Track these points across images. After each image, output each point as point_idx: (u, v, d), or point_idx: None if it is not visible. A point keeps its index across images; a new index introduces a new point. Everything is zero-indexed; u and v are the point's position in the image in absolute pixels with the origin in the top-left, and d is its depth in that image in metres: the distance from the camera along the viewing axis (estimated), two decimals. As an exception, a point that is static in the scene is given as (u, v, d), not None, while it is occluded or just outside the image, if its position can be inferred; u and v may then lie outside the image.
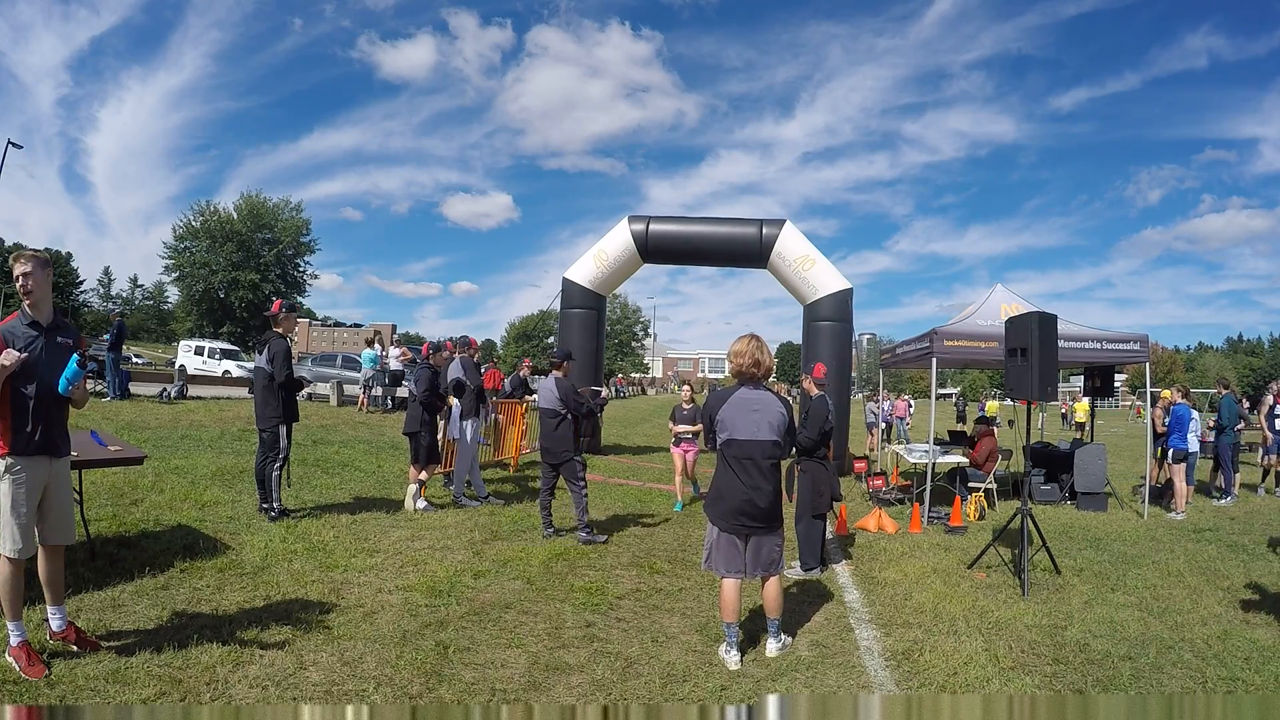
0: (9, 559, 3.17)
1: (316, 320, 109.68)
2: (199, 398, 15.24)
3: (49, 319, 3.37)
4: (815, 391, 6.37)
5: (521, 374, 12.40)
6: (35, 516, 3.27)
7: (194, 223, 47.70)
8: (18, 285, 3.29)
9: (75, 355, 3.30)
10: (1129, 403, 56.24)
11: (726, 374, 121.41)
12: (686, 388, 9.41)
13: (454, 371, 8.08)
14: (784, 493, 4.40)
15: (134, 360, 41.21)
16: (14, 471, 3.18)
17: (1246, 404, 16.67)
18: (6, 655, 3.19)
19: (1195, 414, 10.00)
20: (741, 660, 3.86)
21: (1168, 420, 9.98)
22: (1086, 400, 19.49)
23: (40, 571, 3.39)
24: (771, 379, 4.01)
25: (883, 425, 17.17)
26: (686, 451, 8.88)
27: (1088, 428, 18.33)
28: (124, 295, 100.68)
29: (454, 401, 7.82)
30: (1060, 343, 6.31)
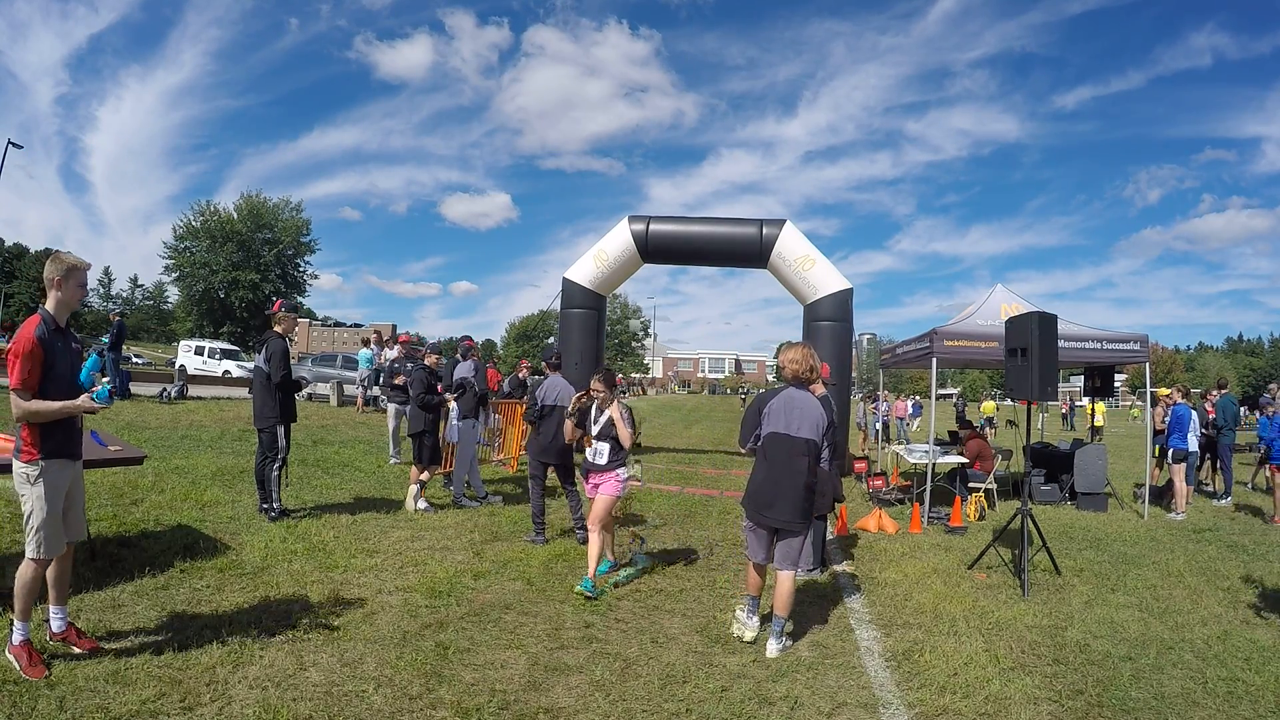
0: (37, 561, 3.21)
1: (316, 320, 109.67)
2: (199, 398, 15.24)
3: (63, 323, 3.45)
4: (820, 390, 6.39)
5: (520, 375, 12.39)
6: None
7: (194, 223, 47.63)
8: (78, 295, 3.36)
9: (94, 355, 3.40)
10: (1129, 403, 56.29)
11: (730, 374, 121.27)
12: (597, 388, 5.27)
13: (462, 371, 8.05)
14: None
15: (134, 360, 41.24)
16: (48, 475, 3.23)
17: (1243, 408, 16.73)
18: (7, 653, 3.19)
19: (1194, 414, 10.00)
20: (758, 632, 4.16)
21: (1167, 420, 9.98)
22: (1099, 401, 19.49)
23: (49, 570, 3.38)
24: (809, 376, 4.36)
25: (879, 426, 17.17)
26: (599, 486, 5.26)
27: (1092, 428, 18.38)
28: (124, 295, 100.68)
29: (452, 404, 7.81)
30: (1060, 343, 6.32)
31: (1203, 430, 10.44)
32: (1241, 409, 13.43)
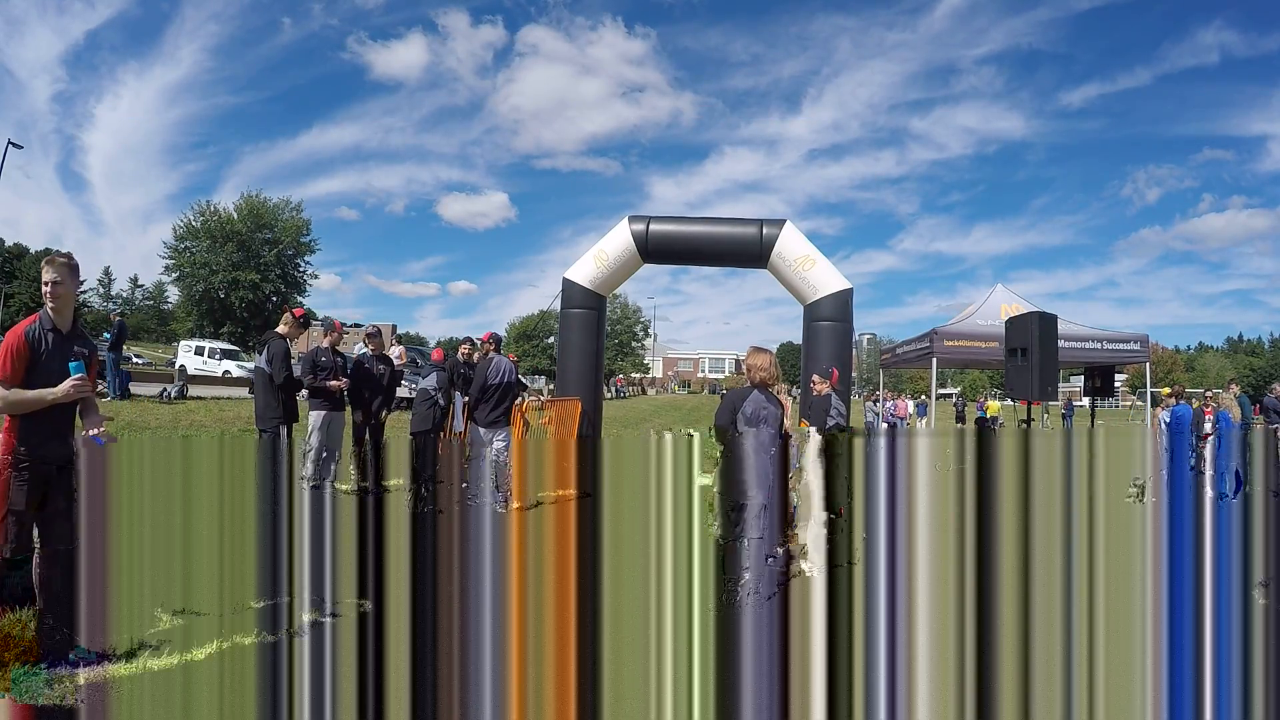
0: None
1: (316, 320, 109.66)
2: (199, 398, 15.24)
3: (68, 326, 3.34)
4: (823, 390, 6.52)
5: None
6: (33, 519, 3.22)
7: (194, 222, 47.64)
8: (46, 291, 3.27)
9: (80, 362, 3.30)
10: (1129, 403, 56.32)
11: (730, 374, 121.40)
12: None
13: (498, 373, 7.42)
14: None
15: (134, 360, 41.26)
16: (19, 469, 3.12)
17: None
18: None
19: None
20: None
21: (1168, 420, 9.99)
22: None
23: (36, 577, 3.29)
24: (774, 380, 4.85)
25: (885, 426, 17.17)
26: None
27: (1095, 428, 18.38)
28: (124, 295, 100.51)
29: (458, 398, 7.79)
30: (1060, 343, 6.33)
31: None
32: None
